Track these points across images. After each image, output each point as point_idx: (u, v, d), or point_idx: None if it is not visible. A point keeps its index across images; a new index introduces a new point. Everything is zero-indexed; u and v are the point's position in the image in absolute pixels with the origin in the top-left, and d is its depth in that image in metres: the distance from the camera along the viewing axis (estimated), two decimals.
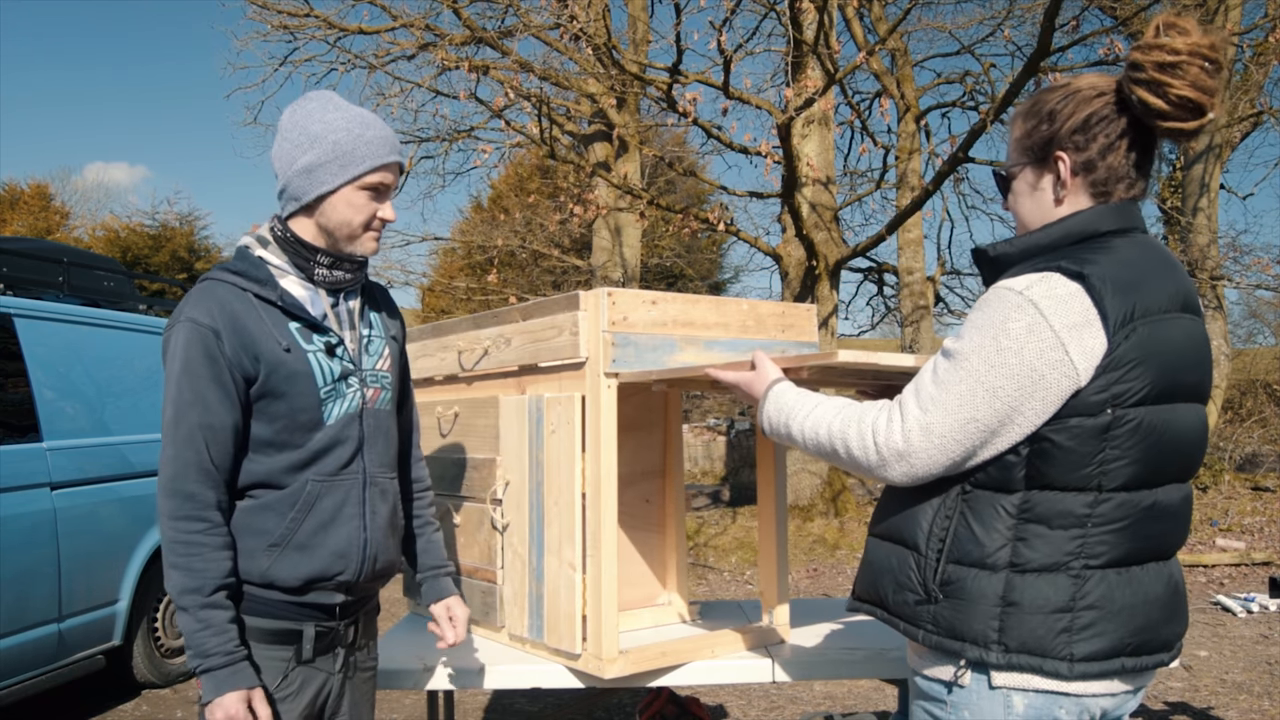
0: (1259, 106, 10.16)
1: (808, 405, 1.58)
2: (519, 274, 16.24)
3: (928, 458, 1.42)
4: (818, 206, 9.83)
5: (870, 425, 1.47)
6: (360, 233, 1.76)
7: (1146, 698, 4.64)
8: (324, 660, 1.77)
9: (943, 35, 12.35)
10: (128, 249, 21.49)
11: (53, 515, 4.29)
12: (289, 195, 1.74)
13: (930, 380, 1.44)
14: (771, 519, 2.35)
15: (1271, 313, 16.20)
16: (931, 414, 1.41)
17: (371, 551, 1.79)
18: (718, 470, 16.69)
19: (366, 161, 1.72)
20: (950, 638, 1.44)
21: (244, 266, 1.73)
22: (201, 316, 1.65)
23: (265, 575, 1.69)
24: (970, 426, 1.39)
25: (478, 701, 4.77)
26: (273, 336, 1.69)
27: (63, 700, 4.93)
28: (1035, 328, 1.36)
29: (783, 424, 1.61)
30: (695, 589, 7.62)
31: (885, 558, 1.55)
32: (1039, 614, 1.40)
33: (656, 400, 2.62)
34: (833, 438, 1.51)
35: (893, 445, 1.43)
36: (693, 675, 2.19)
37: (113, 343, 5.06)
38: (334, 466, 1.75)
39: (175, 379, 1.66)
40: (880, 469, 1.45)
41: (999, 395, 1.37)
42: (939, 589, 1.45)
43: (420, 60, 10.16)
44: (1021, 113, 1.57)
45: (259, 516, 1.69)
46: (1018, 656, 1.40)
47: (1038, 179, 1.53)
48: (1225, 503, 9.18)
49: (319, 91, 1.80)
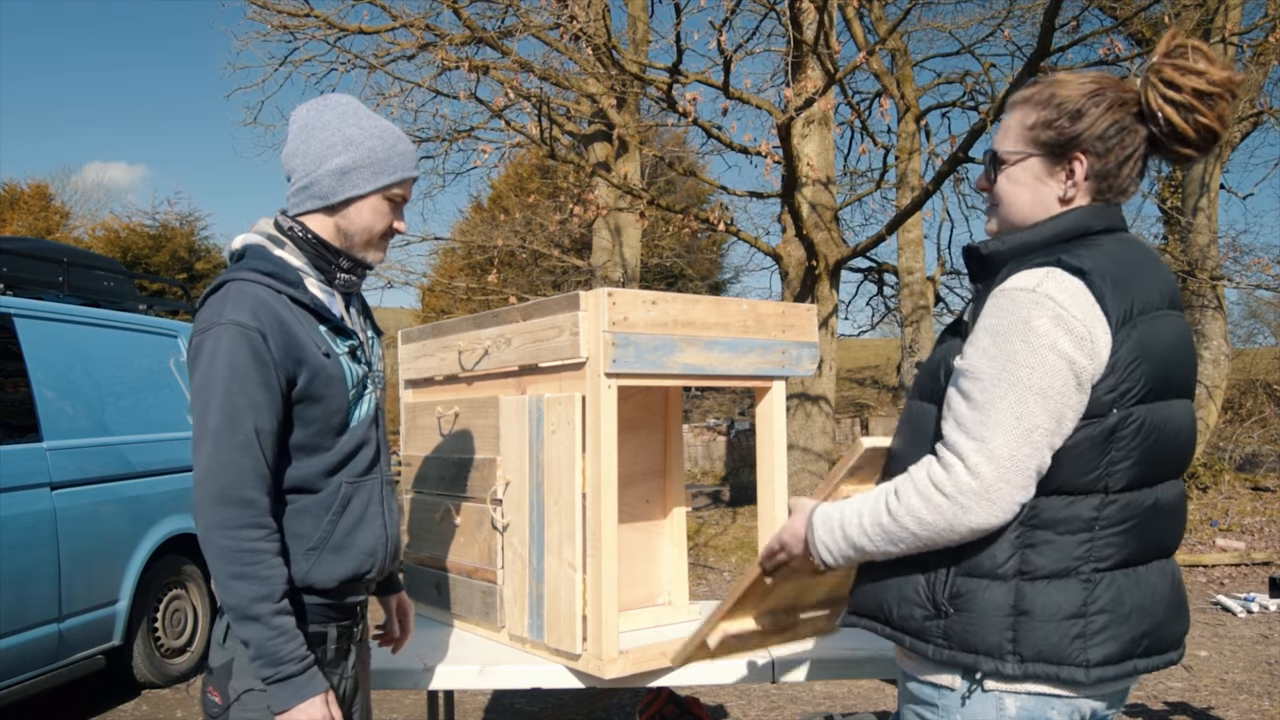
0: (1259, 106, 10.15)
1: (853, 506, 1.46)
2: (519, 274, 16.24)
3: (1007, 486, 1.32)
4: (818, 206, 9.83)
5: (927, 482, 1.36)
6: (377, 241, 1.77)
7: (1146, 698, 4.64)
8: (342, 662, 1.79)
9: (943, 35, 12.37)
10: (128, 249, 21.50)
11: (53, 515, 4.29)
12: (312, 193, 1.72)
13: (968, 409, 1.36)
14: (771, 519, 2.35)
15: (1271, 313, 16.23)
16: (990, 439, 1.32)
17: (392, 548, 1.83)
18: (718, 470, 16.70)
19: (398, 172, 1.74)
20: (963, 651, 1.39)
21: (272, 268, 1.69)
22: (246, 319, 1.60)
23: (304, 579, 1.68)
24: (1034, 436, 1.33)
25: (478, 701, 4.76)
26: (313, 340, 1.68)
27: (63, 700, 4.93)
28: (1061, 319, 1.33)
29: (839, 541, 1.47)
30: (695, 589, 7.62)
31: (887, 572, 1.48)
32: (1052, 621, 1.37)
33: (656, 400, 2.62)
34: (898, 518, 1.38)
35: (964, 488, 1.33)
36: (693, 675, 2.19)
37: (113, 343, 5.06)
38: (362, 467, 1.76)
39: (223, 384, 1.58)
40: (963, 519, 1.34)
41: (1050, 395, 1.32)
42: (948, 602, 1.40)
43: (420, 60, 10.16)
44: (1032, 100, 1.49)
45: (295, 521, 1.69)
46: (1033, 666, 1.37)
47: (1047, 173, 1.48)
48: (1225, 503, 9.18)
49: (343, 96, 1.80)
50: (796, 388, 9.76)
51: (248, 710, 1.65)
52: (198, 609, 5.42)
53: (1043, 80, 1.52)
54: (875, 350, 25.22)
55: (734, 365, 2.23)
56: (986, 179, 1.54)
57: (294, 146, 1.74)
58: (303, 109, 1.77)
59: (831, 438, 10.23)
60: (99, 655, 4.60)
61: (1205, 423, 10.32)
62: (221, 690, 1.68)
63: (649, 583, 2.61)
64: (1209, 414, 10.35)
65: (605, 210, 9.61)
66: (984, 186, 1.55)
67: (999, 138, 1.53)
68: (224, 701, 1.67)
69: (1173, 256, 10.50)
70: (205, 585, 5.45)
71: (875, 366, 23.61)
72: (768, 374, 2.31)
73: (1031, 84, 1.53)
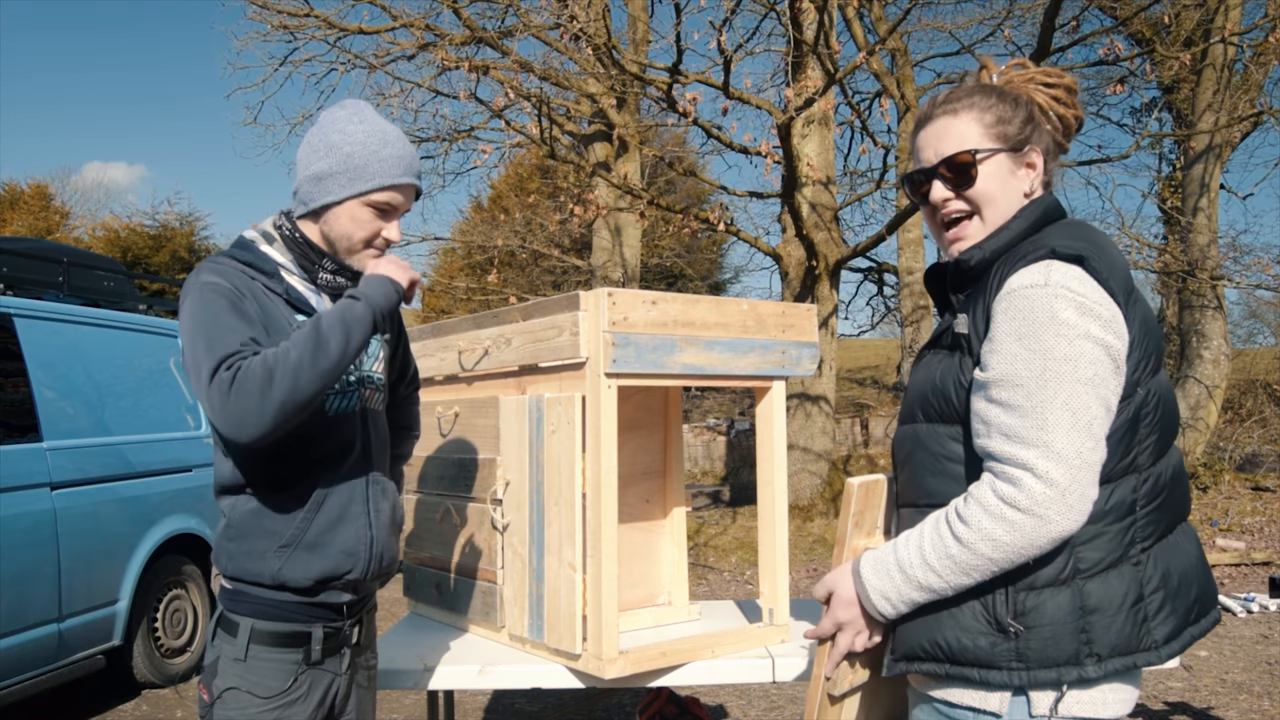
0: (1259, 106, 10.14)
1: (905, 545, 1.39)
2: (519, 274, 16.25)
3: (1079, 486, 1.28)
4: (818, 206, 9.83)
5: (996, 501, 1.30)
6: (360, 248, 1.77)
7: (1146, 697, 4.64)
8: (331, 661, 1.77)
9: (943, 35, 12.37)
10: (128, 249, 21.51)
11: (53, 515, 4.29)
12: (299, 198, 1.76)
13: (1014, 418, 1.30)
14: (771, 519, 2.35)
15: (1271, 313, 16.23)
16: (1052, 442, 1.28)
17: (378, 550, 1.80)
18: (718, 470, 16.69)
19: (376, 179, 1.72)
20: (1041, 668, 1.33)
21: (250, 258, 1.72)
22: (220, 280, 1.62)
23: (277, 576, 1.68)
24: (1093, 429, 1.29)
25: (478, 702, 4.77)
26: (285, 317, 1.69)
27: (63, 700, 4.94)
28: (1084, 307, 1.31)
29: (898, 585, 1.39)
30: (695, 589, 7.62)
31: (934, 607, 1.40)
32: (1121, 613, 1.34)
33: (656, 400, 2.62)
34: (970, 546, 1.31)
35: (1040, 498, 1.27)
36: (693, 675, 2.19)
37: (113, 343, 5.06)
38: (340, 465, 1.75)
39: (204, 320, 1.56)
40: (1044, 531, 1.28)
41: (1096, 384, 1.30)
42: (1015, 621, 1.34)
43: (420, 60, 10.17)
44: (984, 97, 1.50)
45: (267, 518, 1.69)
46: (1112, 662, 1.33)
47: (1011, 170, 1.48)
48: (1225, 503, 9.18)
49: (354, 101, 1.81)
50: (796, 388, 9.76)
51: (228, 709, 1.67)
52: (198, 609, 5.42)
53: (963, 86, 1.55)
54: (875, 350, 25.22)
55: (734, 365, 2.23)
56: (955, 187, 1.49)
57: (299, 151, 1.78)
58: (322, 113, 1.81)
59: (831, 438, 10.23)
60: (99, 655, 4.60)
61: (1205, 423, 10.32)
62: (209, 688, 1.70)
63: (649, 583, 2.61)
64: (1209, 414, 10.35)
65: (605, 210, 9.61)
66: (952, 196, 1.50)
67: (957, 138, 1.48)
68: (210, 699, 1.69)
69: (1173, 256, 10.51)
70: (205, 585, 5.45)
71: (875, 366, 23.61)
72: (768, 374, 2.31)
73: (954, 89, 1.55)
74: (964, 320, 1.43)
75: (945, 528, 1.35)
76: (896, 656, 1.46)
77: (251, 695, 1.67)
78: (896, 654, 1.45)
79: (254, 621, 1.69)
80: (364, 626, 1.87)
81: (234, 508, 1.71)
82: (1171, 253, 10.53)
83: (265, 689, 1.68)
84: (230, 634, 1.70)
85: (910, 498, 1.50)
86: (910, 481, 1.50)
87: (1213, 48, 9.64)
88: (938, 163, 1.49)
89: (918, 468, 1.48)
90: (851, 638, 1.47)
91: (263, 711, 1.67)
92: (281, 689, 1.69)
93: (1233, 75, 10.53)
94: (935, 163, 1.50)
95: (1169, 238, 11.37)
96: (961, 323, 1.44)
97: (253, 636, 1.68)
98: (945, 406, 1.44)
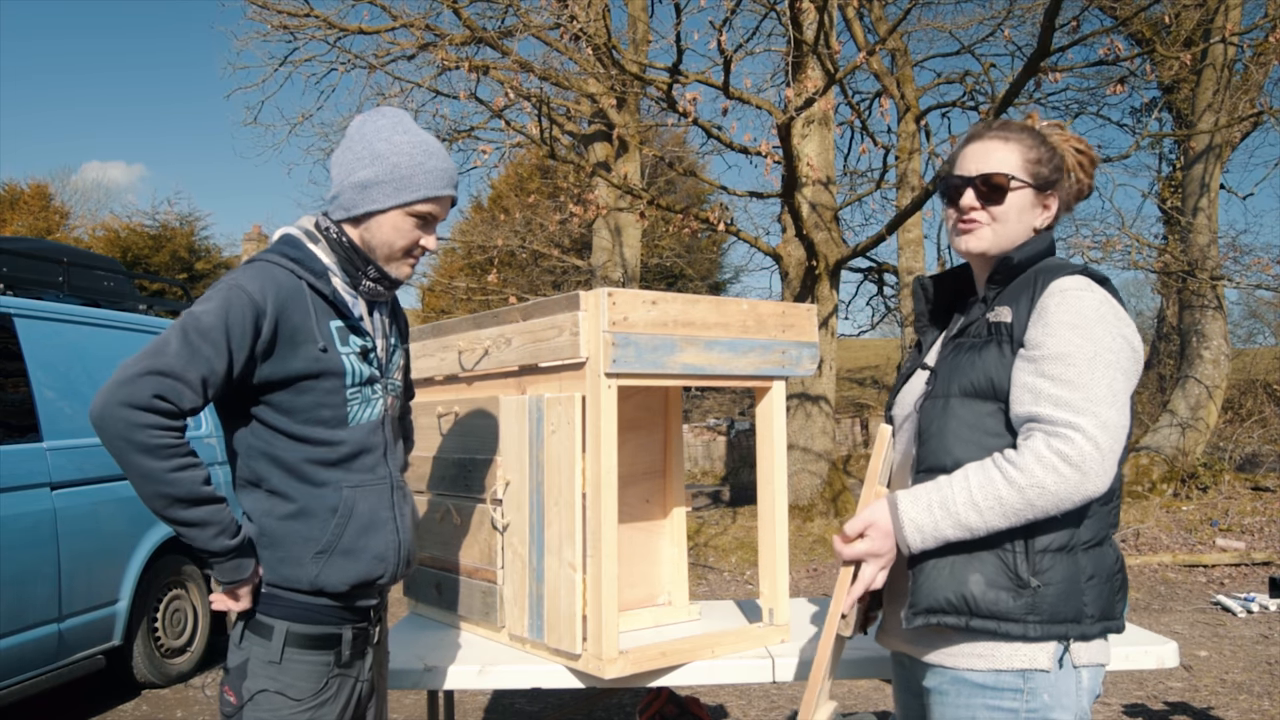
0: (1259, 106, 10.14)
1: (953, 484, 1.50)
2: (519, 274, 16.25)
3: (1113, 455, 1.46)
4: (818, 206, 9.84)
5: (1049, 453, 1.43)
6: (399, 256, 1.79)
7: (1146, 697, 4.64)
8: (357, 662, 1.80)
9: (943, 35, 12.37)
10: (128, 249, 21.50)
11: (53, 515, 4.29)
12: (340, 204, 1.76)
13: (1065, 390, 1.46)
14: (771, 519, 2.35)
15: (1271, 313, 16.24)
16: (1100, 412, 1.45)
17: (404, 553, 1.83)
18: (718, 470, 16.70)
19: (421, 190, 1.74)
20: (1053, 623, 1.50)
21: (300, 255, 1.74)
22: (253, 295, 1.63)
23: (314, 582, 1.70)
24: (1126, 409, 1.49)
25: (478, 701, 4.77)
26: (314, 334, 1.69)
27: (63, 700, 4.94)
28: (1119, 314, 1.54)
29: (937, 520, 1.49)
30: (695, 589, 7.62)
31: (956, 561, 1.52)
32: (1107, 584, 1.55)
33: (656, 400, 2.62)
34: (1020, 489, 1.44)
35: (1088, 456, 1.43)
36: (693, 675, 2.19)
37: (113, 343, 5.06)
38: (366, 471, 1.77)
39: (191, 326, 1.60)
40: (1083, 487, 1.43)
41: (1130, 375, 1.51)
42: (1034, 577, 1.50)
43: (420, 60, 10.17)
44: (1031, 138, 1.67)
45: (300, 524, 1.70)
46: (1099, 624, 1.53)
47: (1030, 205, 1.66)
48: (1225, 503, 9.18)
49: (392, 109, 1.82)
50: (796, 388, 9.76)
51: (260, 710, 1.68)
52: (198, 609, 5.42)
53: (1016, 120, 1.72)
54: (875, 350, 25.22)
55: (734, 365, 2.23)
56: (985, 200, 1.65)
57: (336, 155, 1.79)
58: (355, 119, 1.81)
59: (831, 438, 10.23)
60: (99, 655, 4.60)
61: (1205, 423, 10.32)
62: (236, 690, 1.70)
63: (649, 583, 2.61)
64: (1209, 414, 10.35)
65: (605, 210, 9.61)
66: (979, 206, 1.66)
67: (999, 162, 1.65)
68: (238, 701, 1.69)
69: (1173, 256, 10.51)
70: (205, 585, 5.45)
71: (875, 366, 23.62)
72: (768, 374, 2.31)
73: (1008, 121, 1.71)
74: (1007, 310, 1.58)
75: (996, 472, 1.47)
76: (918, 610, 1.54)
77: (284, 697, 1.68)
78: (918, 608, 1.54)
79: (289, 624, 1.70)
80: (381, 626, 1.91)
81: (265, 515, 1.72)
82: (1171, 253, 10.53)
83: (299, 690, 1.69)
84: (264, 636, 1.70)
85: (934, 463, 1.57)
86: (937, 449, 1.58)
87: (1213, 48, 9.64)
88: (977, 175, 1.65)
89: (950, 437, 1.57)
90: (875, 571, 1.56)
91: (296, 713, 1.69)
92: (315, 690, 1.71)
93: (1233, 75, 10.52)
94: (974, 175, 1.66)
95: (1169, 238, 11.36)
96: (1004, 313, 1.58)
97: (288, 639, 1.69)
98: (986, 385, 1.56)
